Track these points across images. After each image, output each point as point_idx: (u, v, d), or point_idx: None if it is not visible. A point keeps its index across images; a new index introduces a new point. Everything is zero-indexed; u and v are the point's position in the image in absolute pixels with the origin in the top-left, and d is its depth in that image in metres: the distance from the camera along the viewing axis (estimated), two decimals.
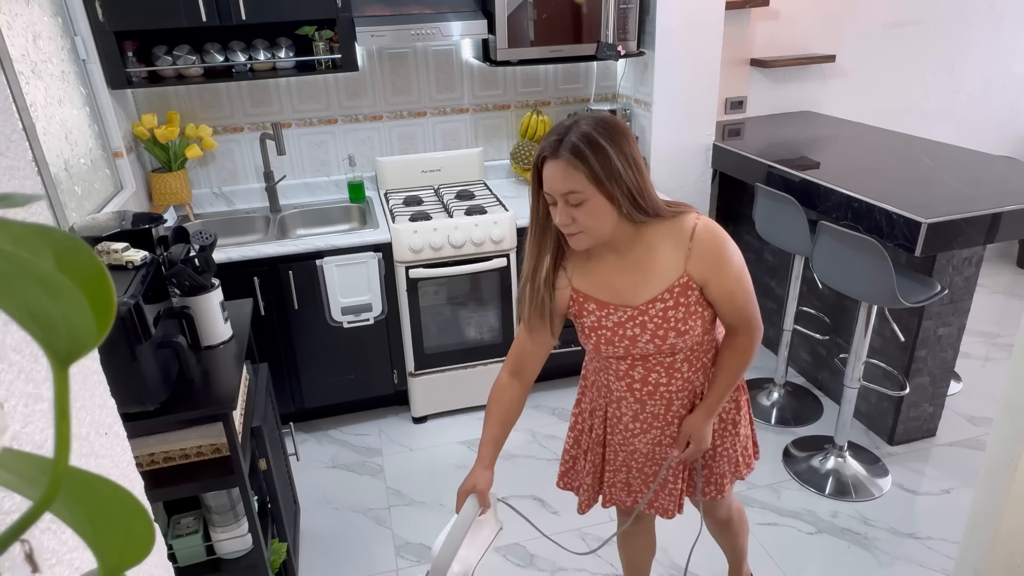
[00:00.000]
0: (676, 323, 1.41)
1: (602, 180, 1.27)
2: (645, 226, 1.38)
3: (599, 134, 1.27)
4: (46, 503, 0.26)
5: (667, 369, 1.48)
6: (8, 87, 1.39)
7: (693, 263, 1.38)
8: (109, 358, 0.82)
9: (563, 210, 1.31)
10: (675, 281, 1.39)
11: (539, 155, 1.32)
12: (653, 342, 1.43)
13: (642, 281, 1.41)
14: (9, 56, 1.84)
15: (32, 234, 0.27)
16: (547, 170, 1.30)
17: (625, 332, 1.43)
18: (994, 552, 1.36)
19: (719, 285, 1.40)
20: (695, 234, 1.37)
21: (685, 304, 1.40)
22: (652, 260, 1.40)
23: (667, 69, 2.94)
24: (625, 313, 1.42)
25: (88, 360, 0.77)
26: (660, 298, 1.40)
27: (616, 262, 1.42)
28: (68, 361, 0.27)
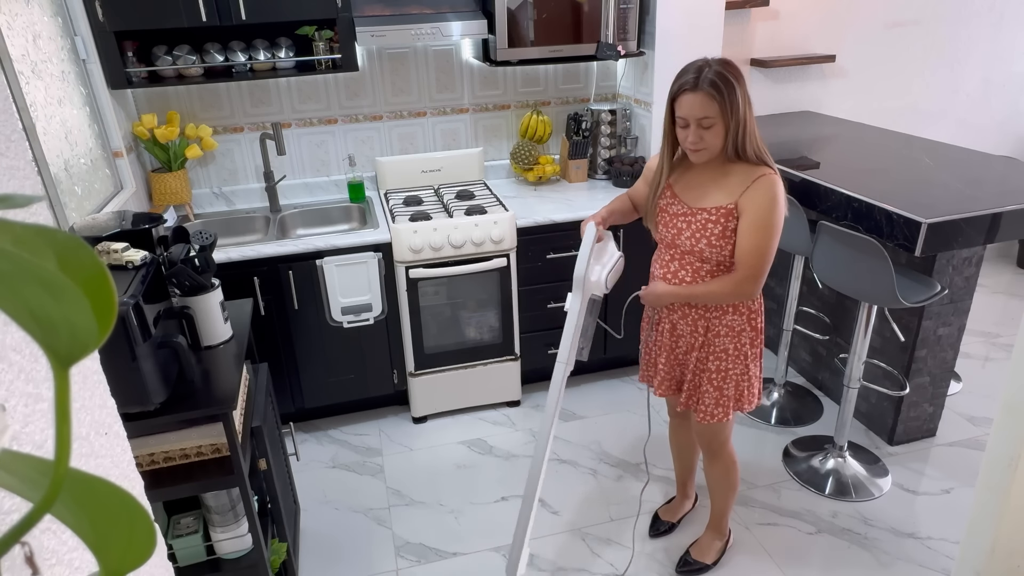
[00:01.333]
0: (711, 236, 1.77)
1: (727, 111, 1.64)
2: (734, 159, 1.73)
3: (729, 73, 1.65)
4: (46, 505, 0.26)
5: (694, 272, 1.84)
6: (8, 87, 1.39)
7: (744, 198, 1.72)
8: (109, 358, 0.82)
9: (695, 131, 1.68)
10: (724, 204, 1.75)
11: (678, 88, 1.68)
12: (690, 241, 1.80)
13: (704, 193, 1.79)
14: (9, 56, 1.84)
15: (33, 235, 0.27)
16: (686, 99, 1.66)
17: (675, 223, 1.83)
18: (994, 552, 1.36)
19: (748, 221, 1.72)
20: (759, 180, 1.71)
21: (723, 226, 1.75)
22: (720, 183, 1.77)
23: (667, 69, 2.94)
24: (683, 208, 1.82)
25: (88, 360, 0.77)
26: (708, 210, 1.77)
27: (701, 173, 1.81)
28: (69, 362, 0.26)
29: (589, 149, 3.22)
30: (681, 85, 1.67)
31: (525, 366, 3.06)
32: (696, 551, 2.25)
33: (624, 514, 2.48)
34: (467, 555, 2.33)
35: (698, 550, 2.25)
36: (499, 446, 2.86)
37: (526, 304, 2.95)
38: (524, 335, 3.00)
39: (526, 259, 2.86)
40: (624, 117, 3.20)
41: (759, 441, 2.83)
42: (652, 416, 2.99)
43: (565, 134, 3.25)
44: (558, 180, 3.30)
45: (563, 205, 2.94)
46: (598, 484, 2.63)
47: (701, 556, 2.23)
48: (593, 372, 3.30)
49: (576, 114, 3.19)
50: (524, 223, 2.79)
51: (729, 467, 2.11)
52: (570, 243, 2.87)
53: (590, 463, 2.74)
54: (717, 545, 2.25)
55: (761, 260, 1.73)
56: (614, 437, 2.88)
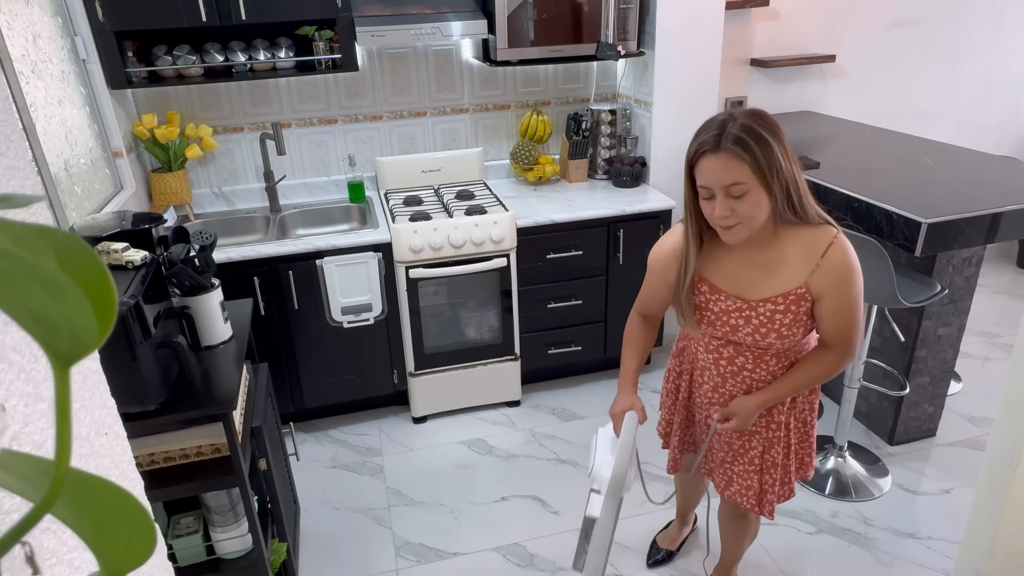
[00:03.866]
0: (780, 327, 1.46)
1: (764, 171, 1.30)
2: (784, 229, 1.42)
3: (759, 126, 1.30)
4: (47, 505, 0.26)
5: (756, 358, 1.54)
6: (8, 87, 1.39)
7: (816, 278, 1.41)
8: (109, 358, 0.82)
9: (723, 203, 1.33)
10: (793, 289, 1.44)
11: (696, 151, 1.35)
12: (753, 336, 1.49)
13: (762, 280, 1.46)
14: (9, 56, 1.84)
15: (33, 235, 0.27)
16: (706, 163, 1.33)
17: (729, 320, 1.50)
18: (994, 552, 1.36)
19: (832, 304, 1.43)
20: (828, 252, 1.40)
21: (795, 312, 1.45)
22: (779, 263, 1.44)
23: (667, 69, 2.94)
24: (734, 303, 1.49)
25: (88, 360, 0.77)
26: (773, 300, 1.45)
27: (744, 256, 1.47)
28: (70, 362, 0.26)
29: (589, 149, 3.22)
30: (700, 146, 1.34)
31: (525, 366, 3.06)
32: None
33: (624, 514, 2.47)
34: (467, 555, 2.33)
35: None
36: (499, 446, 2.86)
37: (526, 304, 2.95)
38: (524, 335, 3.00)
39: (526, 259, 2.86)
40: (624, 117, 3.20)
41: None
42: (650, 413, 2.99)
43: (565, 134, 3.25)
44: (558, 180, 3.30)
45: (563, 205, 2.94)
46: None
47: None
48: (593, 372, 3.30)
49: (576, 114, 3.19)
50: (524, 223, 2.79)
51: (754, 522, 1.92)
52: (570, 243, 2.88)
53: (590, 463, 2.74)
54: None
55: (856, 334, 1.47)
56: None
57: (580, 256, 2.91)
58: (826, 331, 1.48)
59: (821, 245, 1.41)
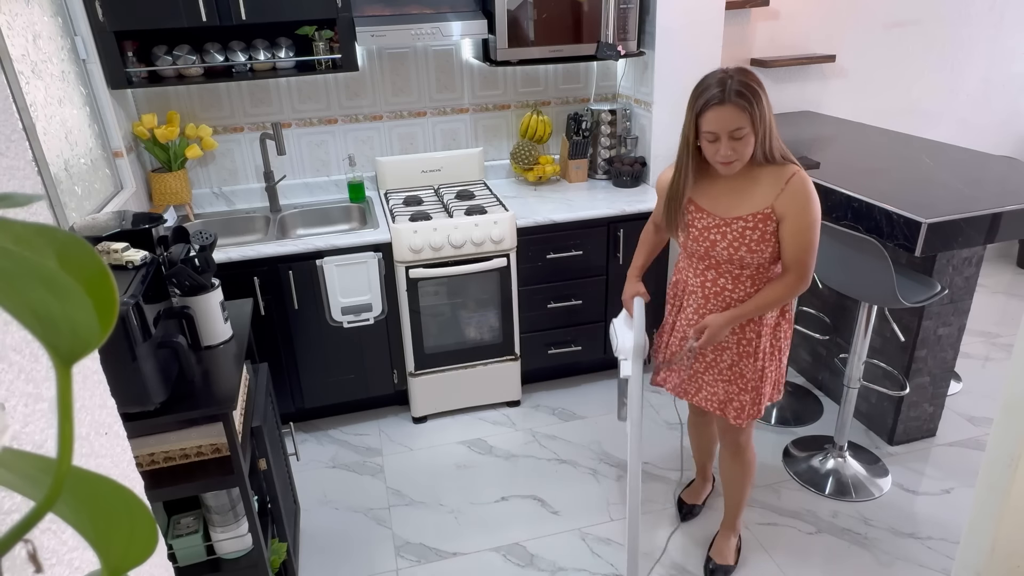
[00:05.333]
0: (750, 242, 1.76)
1: (756, 119, 1.63)
2: (757, 165, 1.73)
3: (752, 82, 1.63)
4: (49, 503, 0.26)
5: (734, 279, 1.83)
6: (8, 87, 1.39)
7: (780, 201, 1.72)
8: (109, 358, 0.82)
9: (726, 144, 1.65)
10: (760, 210, 1.74)
11: (704, 103, 1.64)
12: (727, 251, 1.79)
13: (737, 202, 1.77)
14: (9, 56, 1.84)
15: (34, 234, 0.27)
16: (714, 113, 1.63)
17: (708, 235, 1.81)
18: (994, 552, 1.36)
19: (791, 225, 1.72)
20: (791, 180, 1.72)
21: (762, 231, 1.75)
22: (751, 188, 1.75)
23: (667, 69, 2.94)
24: (713, 220, 1.80)
25: (88, 360, 0.77)
26: (744, 219, 1.76)
27: (725, 184, 1.79)
28: (71, 360, 0.26)
29: (589, 149, 3.22)
30: (708, 100, 1.63)
31: (525, 366, 3.06)
32: (717, 555, 2.24)
33: (624, 514, 2.47)
34: (467, 555, 2.33)
35: (718, 554, 2.24)
36: (499, 446, 2.86)
37: (526, 304, 2.95)
38: (524, 335, 3.00)
39: (526, 259, 2.86)
40: (624, 117, 3.20)
41: (759, 441, 2.83)
42: (650, 413, 2.99)
43: (565, 134, 3.25)
44: (558, 180, 3.30)
45: (563, 205, 2.94)
46: (598, 484, 2.63)
47: (723, 559, 2.22)
48: (593, 372, 3.30)
49: (576, 114, 3.20)
50: (524, 223, 2.79)
51: (750, 463, 2.12)
52: (570, 243, 2.88)
53: (590, 463, 2.74)
54: (734, 543, 2.26)
55: (810, 258, 1.75)
56: (614, 437, 2.88)
57: (580, 256, 2.91)
58: (787, 254, 1.76)
59: (785, 176, 1.72)
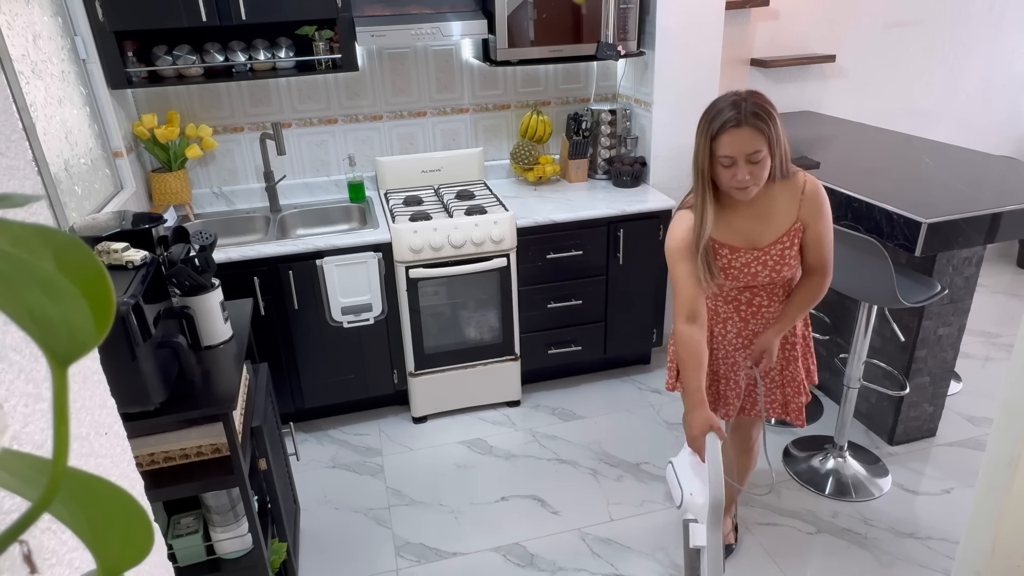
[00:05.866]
0: (789, 259, 1.75)
1: (773, 142, 1.60)
2: (770, 184, 1.69)
3: (766, 104, 1.60)
4: (44, 504, 0.26)
5: (769, 295, 1.84)
6: (8, 87, 1.39)
7: (803, 211, 1.72)
8: (109, 358, 0.82)
9: (743, 168, 1.60)
10: (791, 226, 1.73)
11: (720, 126, 1.58)
12: (770, 275, 1.77)
13: (766, 228, 1.73)
14: (9, 56, 1.84)
15: (31, 235, 0.27)
16: (730, 137, 1.58)
17: (750, 269, 1.77)
18: (994, 552, 1.36)
19: (815, 229, 1.73)
20: (805, 188, 1.71)
21: (797, 244, 1.74)
22: (773, 209, 1.72)
23: (667, 69, 2.94)
24: (752, 255, 1.75)
25: (88, 360, 0.77)
26: (779, 240, 1.74)
27: (747, 211, 1.73)
28: (67, 362, 0.27)
29: (589, 149, 3.22)
30: (724, 123, 1.57)
31: (525, 366, 3.06)
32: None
33: (624, 514, 2.48)
34: (467, 555, 2.34)
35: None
36: (499, 446, 2.86)
37: (526, 304, 2.95)
38: (524, 335, 3.00)
39: (526, 259, 2.86)
40: (624, 117, 3.20)
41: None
42: (650, 413, 2.99)
43: (565, 134, 3.25)
44: (558, 180, 3.30)
45: (563, 205, 2.94)
46: (598, 484, 2.63)
47: (724, 540, 2.29)
48: (593, 372, 3.30)
49: (576, 114, 3.20)
50: (524, 223, 2.79)
51: (757, 455, 2.20)
52: (570, 243, 2.88)
53: (590, 463, 2.74)
54: (730, 523, 2.33)
55: (831, 254, 1.77)
56: (614, 437, 2.88)
57: (580, 256, 2.91)
58: (811, 257, 1.77)
59: (798, 185, 1.71)
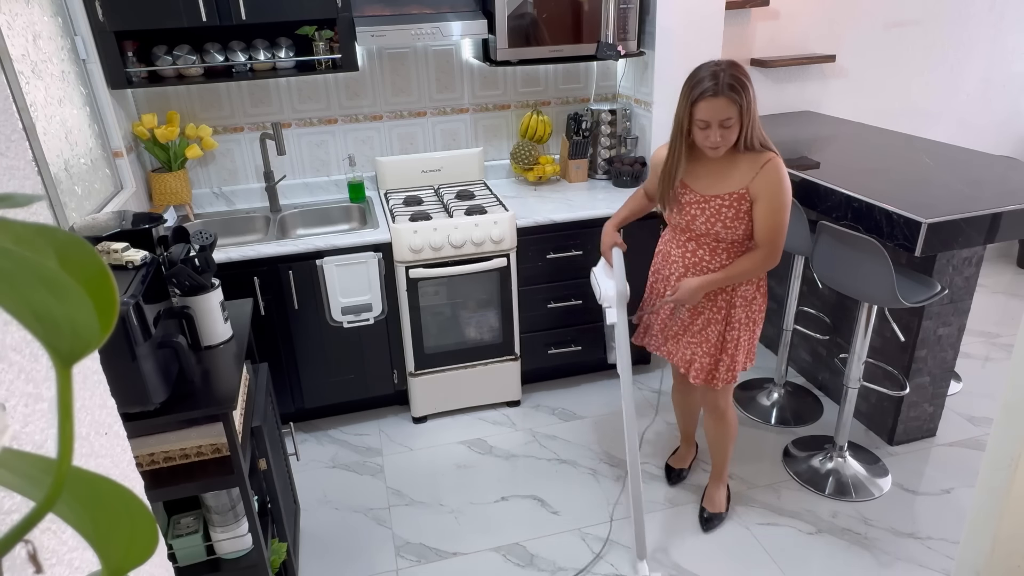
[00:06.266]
0: (725, 219, 1.96)
1: (743, 111, 1.81)
2: (738, 148, 1.90)
3: (742, 75, 1.80)
4: (50, 503, 0.26)
5: (711, 251, 2.03)
6: (8, 87, 1.39)
7: (755, 183, 1.91)
8: (109, 358, 0.82)
9: (715, 131, 1.84)
10: (736, 191, 1.94)
11: (697, 93, 1.81)
12: (705, 226, 1.99)
13: (717, 182, 1.97)
14: (9, 56, 1.84)
15: (34, 234, 0.27)
16: (707, 104, 1.80)
17: (690, 210, 2.01)
18: (994, 552, 1.36)
19: (763, 206, 1.92)
20: (766, 166, 1.90)
21: (736, 209, 1.94)
22: (730, 171, 1.95)
23: (667, 69, 2.94)
24: (695, 196, 2.00)
25: (88, 360, 0.77)
26: (721, 197, 1.96)
27: (708, 165, 1.98)
28: (71, 360, 0.26)
29: (589, 149, 3.22)
30: (702, 91, 1.80)
31: (525, 366, 3.06)
32: (709, 504, 2.44)
33: (624, 514, 2.48)
34: (467, 555, 2.33)
35: (710, 503, 2.44)
36: (499, 446, 2.86)
37: (526, 304, 2.95)
38: (524, 335, 3.00)
39: (526, 259, 2.86)
40: (624, 117, 3.20)
41: (759, 441, 2.83)
42: (650, 413, 2.99)
43: (565, 134, 3.25)
44: (558, 180, 3.30)
45: (563, 205, 2.94)
46: (598, 484, 2.63)
47: (715, 507, 2.43)
48: (593, 372, 3.30)
49: (576, 114, 3.20)
50: (524, 223, 2.79)
51: (731, 423, 2.31)
52: (570, 243, 2.88)
53: (590, 463, 2.74)
54: (723, 492, 2.46)
55: (779, 236, 1.95)
56: (614, 437, 2.88)
57: (580, 256, 2.91)
58: (758, 232, 1.95)
59: (761, 161, 1.91)
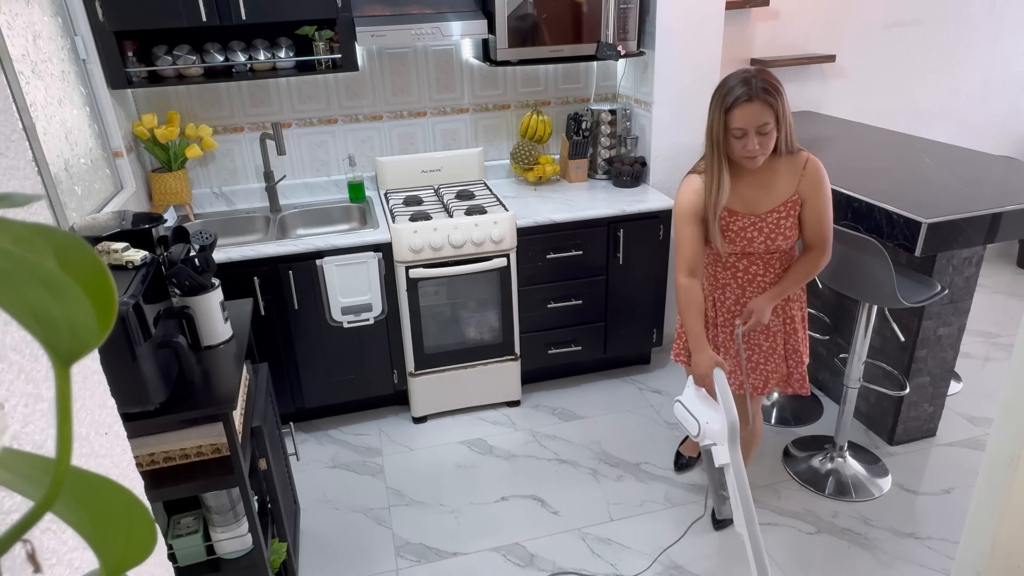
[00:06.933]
0: (784, 230, 1.90)
1: (780, 115, 1.77)
2: (774, 158, 1.85)
3: (775, 80, 1.76)
4: (48, 503, 0.26)
5: (765, 264, 1.98)
6: (8, 87, 1.39)
7: (803, 185, 1.88)
8: (109, 358, 0.82)
9: (753, 139, 1.77)
10: (788, 198, 1.89)
11: (731, 101, 1.75)
12: (765, 243, 1.92)
13: (765, 196, 1.89)
14: (9, 56, 1.84)
15: (33, 234, 0.27)
16: (743, 110, 1.74)
17: (745, 234, 1.92)
18: (994, 552, 1.36)
19: (814, 205, 1.89)
20: (807, 165, 1.88)
21: (793, 216, 1.90)
22: (774, 180, 1.89)
23: (667, 69, 2.94)
24: (749, 220, 1.91)
25: (88, 360, 0.77)
26: (776, 210, 1.89)
27: (751, 179, 1.90)
28: (70, 360, 0.26)
29: (589, 149, 3.22)
30: (736, 98, 1.75)
31: (525, 366, 3.06)
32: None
33: (624, 514, 2.48)
34: (467, 555, 2.33)
35: None
36: (499, 446, 2.86)
37: (526, 304, 2.95)
38: (524, 335, 3.00)
39: (526, 259, 2.86)
40: (624, 117, 3.20)
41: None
42: (650, 413, 3.00)
43: (565, 134, 3.25)
44: (558, 180, 3.30)
45: (563, 205, 2.94)
46: (598, 484, 2.63)
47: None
48: (593, 372, 3.30)
49: (576, 114, 3.20)
50: (524, 223, 2.79)
51: (760, 428, 2.31)
52: (570, 243, 2.88)
53: (590, 463, 2.74)
54: None
55: (831, 232, 1.92)
56: (614, 437, 2.88)
57: (580, 256, 2.91)
58: (809, 232, 1.92)
59: (801, 162, 1.88)
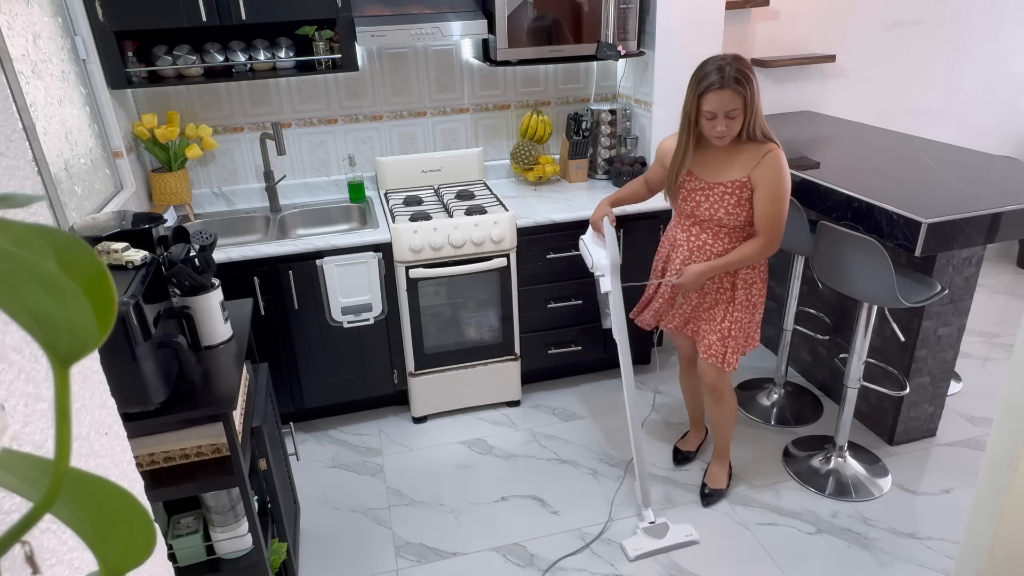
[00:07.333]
0: (727, 206, 2.09)
1: (748, 102, 1.94)
2: (741, 141, 2.04)
3: (747, 69, 1.93)
4: (47, 505, 0.26)
5: (715, 235, 2.17)
6: (8, 87, 1.39)
7: (756, 172, 2.04)
8: (109, 358, 0.82)
9: (721, 122, 1.96)
10: (738, 178, 2.06)
11: (705, 86, 1.93)
12: (709, 211, 2.12)
13: (720, 170, 2.09)
14: (9, 56, 1.84)
15: (33, 234, 0.27)
16: (715, 95, 1.93)
17: (694, 197, 2.15)
18: (994, 552, 1.36)
19: (763, 194, 2.04)
20: (767, 156, 2.03)
21: (738, 197, 2.07)
22: (733, 160, 2.07)
23: (667, 69, 2.94)
24: (699, 183, 2.13)
25: (88, 360, 0.77)
26: (724, 185, 2.08)
27: (712, 154, 2.10)
28: (69, 361, 0.26)
29: (589, 149, 3.22)
30: (709, 84, 1.92)
31: (525, 366, 3.06)
32: (711, 480, 2.55)
33: (624, 514, 2.48)
34: (467, 555, 2.33)
35: (712, 479, 2.55)
36: (499, 446, 2.86)
37: (526, 304, 2.95)
38: (524, 335, 3.00)
39: (526, 259, 2.86)
40: (624, 117, 3.19)
41: (759, 441, 2.83)
42: (647, 412, 3.00)
43: (565, 134, 3.25)
44: (558, 180, 3.30)
45: (563, 205, 2.94)
46: (598, 484, 2.63)
47: (716, 484, 2.54)
48: (593, 372, 3.30)
49: (576, 114, 3.20)
50: (524, 223, 2.79)
51: (732, 402, 2.41)
52: (570, 243, 2.88)
53: (590, 463, 2.74)
54: (725, 469, 2.56)
55: (779, 224, 2.07)
56: (614, 437, 2.88)
57: (580, 256, 2.91)
58: (759, 219, 2.07)
59: (763, 151, 2.03)
